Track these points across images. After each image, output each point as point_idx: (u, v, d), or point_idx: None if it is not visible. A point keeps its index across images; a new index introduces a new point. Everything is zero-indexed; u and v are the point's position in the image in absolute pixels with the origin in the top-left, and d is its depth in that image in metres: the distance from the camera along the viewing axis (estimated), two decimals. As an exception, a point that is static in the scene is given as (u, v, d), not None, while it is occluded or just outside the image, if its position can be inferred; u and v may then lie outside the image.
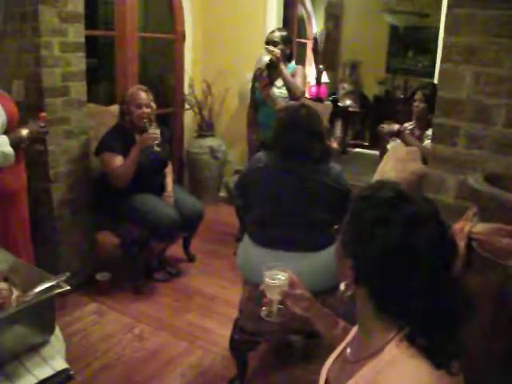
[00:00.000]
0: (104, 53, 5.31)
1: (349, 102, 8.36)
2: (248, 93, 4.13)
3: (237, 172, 4.79)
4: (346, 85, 8.52)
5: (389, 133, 3.40)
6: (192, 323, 3.08)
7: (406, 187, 1.10)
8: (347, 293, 1.10)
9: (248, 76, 4.21)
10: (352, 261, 1.07)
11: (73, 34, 3.13)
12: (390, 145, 3.64)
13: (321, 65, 7.51)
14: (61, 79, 3.10)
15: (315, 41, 7.60)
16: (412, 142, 3.22)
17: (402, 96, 8.16)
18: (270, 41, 3.75)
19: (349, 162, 7.00)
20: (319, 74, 7.43)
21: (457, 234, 1.60)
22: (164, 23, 5.13)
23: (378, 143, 5.01)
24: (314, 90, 7.33)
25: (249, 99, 4.10)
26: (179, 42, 5.01)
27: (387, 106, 8.23)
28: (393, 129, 3.37)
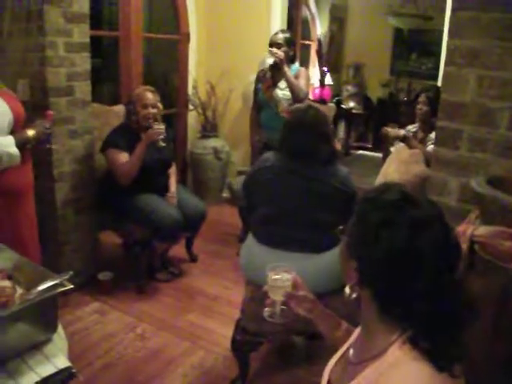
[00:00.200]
0: (108, 53, 5.32)
1: (352, 104, 8.37)
2: (251, 94, 4.14)
3: (240, 173, 4.80)
4: (349, 87, 8.52)
5: (394, 138, 3.41)
6: (194, 323, 3.08)
7: (409, 189, 1.10)
8: (352, 295, 1.11)
9: (252, 77, 4.22)
10: (357, 263, 1.07)
11: (78, 35, 3.14)
12: (394, 147, 3.65)
13: (324, 67, 7.52)
14: (65, 79, 3.12)
15: (319, 43, 7.61)
16: (417, 147, 3.23)
17: (405, 98, 8.17)
18: (273, 42, 3.75)
19: (352, 164, 7.00)
20: (323, 76, 7.44)
21: (459, 236, 1.61)
22: (168, 24, 5.13)
23: (382, 145, 5.01)
24: (317, 91, 7.34)
25: (252, 100, 4.12)
26: (183, 42, 5.02)
27: (391, 108, 8.24)
28: (399, 134, 3.38)
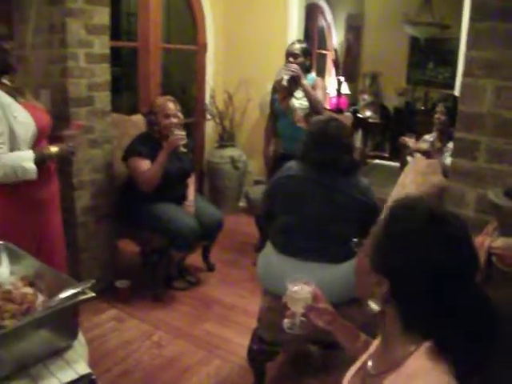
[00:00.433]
0: (127, 62, 5.38)
1: (369, 113, 8.36)
2: (268, 104, 4.16)
3: (257, 182, 4.82)
4: (366, 96, 8.51)
5: (416, 151, 3.40)
6: (210, 332, 3.09)
7: (426, 199, 1.11)
8: (376, 309, 1.11)
9: (269, 87, 4.25)
10: (383, 278, 1.07)
11: (98, 46, 3.20)
12: (410, 157, 3.65)
13: (341, 76, 7.53)
14: (86, 89, 3.17)
15: (335, 52, 7.63)
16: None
17: (422, 107, 8.14)
18: (290, 52, 3.78)
19: (368, 174, 6.97)
20: (339, 85, 7.45)
21: (477, 248, 1.60)
22: (186, 34, 5.19)
23: (399, 155, 5.00)
24: (334, 101, 7.34)
25: (269, 110, 4.14)
26: (201, 52, 5.07)
27: (407, 117, 8.21)
28: (421, 148, 3.38)
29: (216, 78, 5.22)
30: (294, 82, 3.71)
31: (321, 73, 7.30)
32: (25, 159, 2.23)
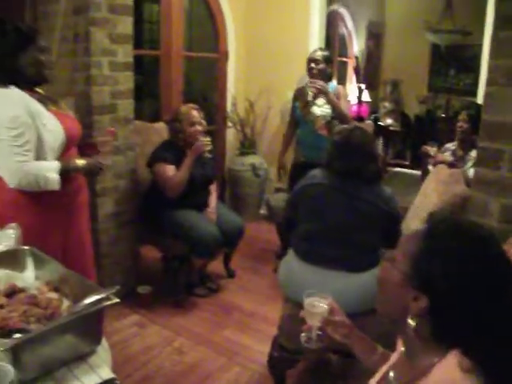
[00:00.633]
0: (148, 70, 5.43)
1: (390, 120, 8.31)
2: (289, 111, 4.18)
3: (278, 190, 4.82)
4: (386, 104, 8.47)
5: (440, 162, 3.37)
6: (230, 339, 3.10)
7: (449, 209, 1.10)
8: (413, 326, 1.08)
9: (290, 94, 4.26)
10: (420, 294, 1.05)
11: (122, 54, 3.25)
12: (431, 165, 3.62)
13: (362, 84, 7.51)
14: (109, 97, 3.22)
15: (356, 59, 7.61)
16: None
17: (443, 115, 8.06)
18: (311, 59, 3.82)
19: (389, 182, 6.94)
20: (360, 93, 7.43)
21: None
22: (208, 42, 5.23)
23: (420, 163, 4.96)
24: (355, 108, 7.32)
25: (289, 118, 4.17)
26: (222, 60, 5.12)
27: (428, 125, 8.14)
28: (446, 160, 3.35)
29: (237, 86, 5.26)
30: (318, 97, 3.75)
31: (342, 80, 7.29)
32: (49, 169, 2.21)
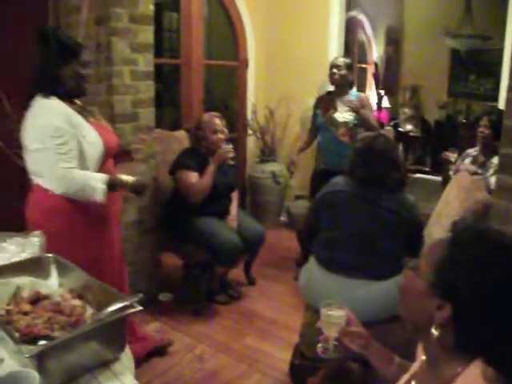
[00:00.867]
0: (169, 78, 5.47)
1: (409, 126, 8.27)
2: (309, 119, 4.19)
3: (298, 197, 4.82)
4: (406, 109, 8.43)
5: (464, 171, 3.34)
6: (251, 346, 3.09)
7: (471, 217, 1.10)
8: (436, 335, 1.07)
9: (310, 102, 4.27)
10: (445, 302, 1.05)
11: (143, 63, 3.29)
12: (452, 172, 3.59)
13: (381, 90, 7.48)
14: (131, 106, 3.25)
15: (375, 66, 7.59)
16: None
17: (464, 121, 7.99)
18: (334, 64, 3.88)
19: (410, 188, 6.84)
20: (380, 99, 7.40)
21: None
22: (227, 50, 5.26)
23: (441, 170, 4.92)
24: (375, 115, 7.29)
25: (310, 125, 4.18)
26: (242, 68, 5.14)
27: (449, 130, 8.08)
28: (470, 169, 3.32)
29: (257, 94, 5.27)
30: (337, 93, 3.80)
31: (361, 87, 7.28)
32: (97, 179, 2.20)
